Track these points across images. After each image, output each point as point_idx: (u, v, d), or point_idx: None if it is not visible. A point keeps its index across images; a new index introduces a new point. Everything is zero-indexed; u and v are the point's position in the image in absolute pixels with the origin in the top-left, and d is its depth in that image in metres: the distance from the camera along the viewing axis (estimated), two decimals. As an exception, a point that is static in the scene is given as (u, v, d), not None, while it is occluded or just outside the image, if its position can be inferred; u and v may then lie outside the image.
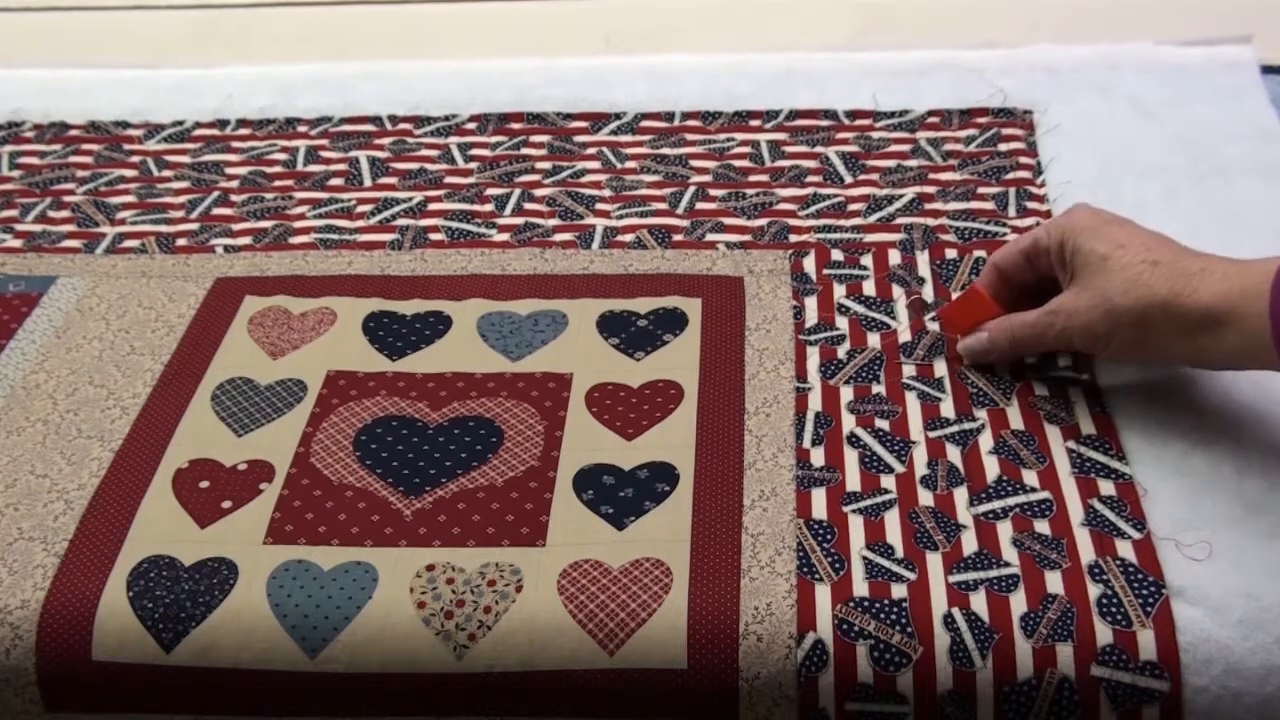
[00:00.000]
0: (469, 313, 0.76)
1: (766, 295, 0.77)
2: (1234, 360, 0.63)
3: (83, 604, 0.61)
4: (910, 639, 0.58)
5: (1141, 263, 0.63)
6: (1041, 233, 0.69)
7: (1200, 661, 0.57)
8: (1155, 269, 0.63)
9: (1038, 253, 0.69)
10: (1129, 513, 0.62)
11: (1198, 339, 0.62)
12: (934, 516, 0.63)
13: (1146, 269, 0.63)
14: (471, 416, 0.70)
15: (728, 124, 0.93)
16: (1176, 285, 0.62)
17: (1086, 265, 0.65)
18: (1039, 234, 0.69)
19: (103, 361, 0.74)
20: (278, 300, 0.78)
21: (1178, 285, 0.62)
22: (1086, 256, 0.65)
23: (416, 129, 0.94)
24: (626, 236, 0.82)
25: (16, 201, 0.89)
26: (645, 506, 0.64)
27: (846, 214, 0.83)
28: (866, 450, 0.67)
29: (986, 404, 0.69)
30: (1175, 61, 0.96)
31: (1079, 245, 0.66)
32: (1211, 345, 0.62)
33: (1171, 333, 0.63)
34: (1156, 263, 0.63)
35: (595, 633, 0.59)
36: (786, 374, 0.71)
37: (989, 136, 0.90)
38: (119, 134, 0.95)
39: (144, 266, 0.81)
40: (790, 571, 0.60)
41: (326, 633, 0.59)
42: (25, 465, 0.68)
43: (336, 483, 0.66)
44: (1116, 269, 0.64)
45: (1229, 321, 0.61)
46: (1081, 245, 0.66)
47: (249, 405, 0.71)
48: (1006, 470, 0.65)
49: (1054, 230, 0.68)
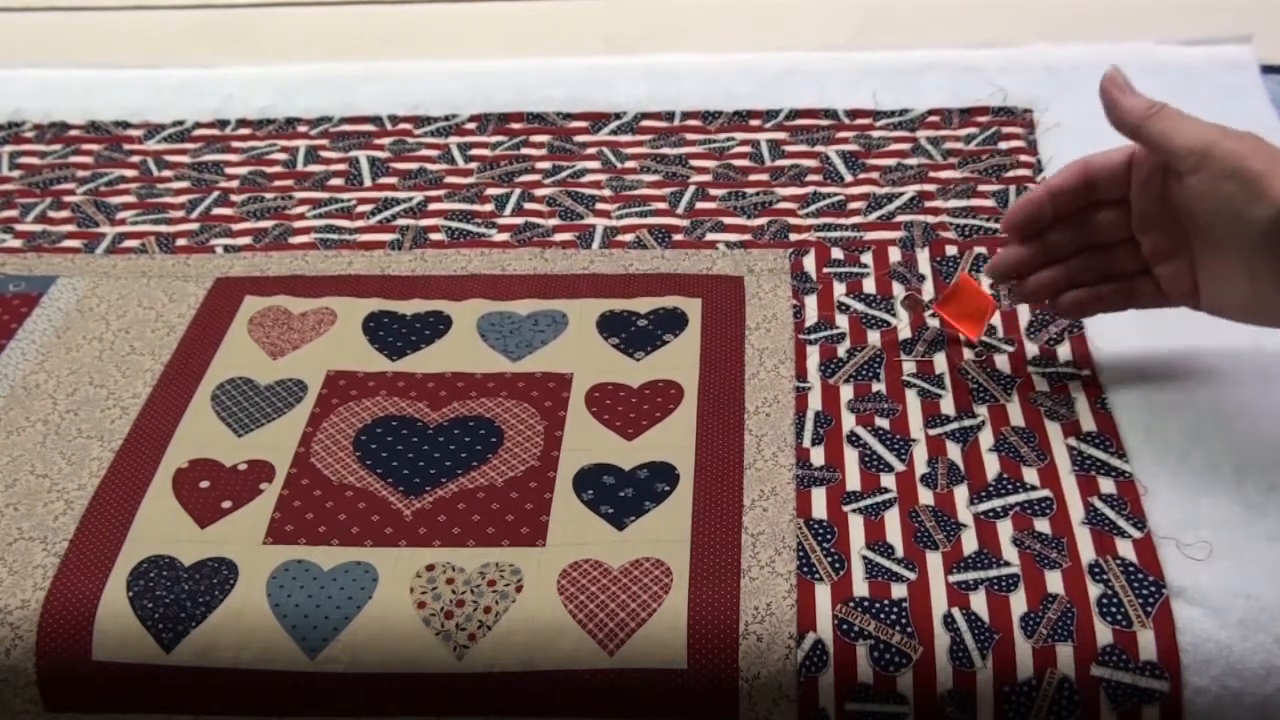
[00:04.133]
0: (469, 313, 0.76)
1: (766, 294, 0.77)
2: None
3: (83, 604, 0.61)
4: (910, 639, 0.58)
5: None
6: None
7: (1200, 661, 0.57)
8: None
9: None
10: (1129, 511, 0.62)
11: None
12: (934, 515, 0.63)
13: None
14: (471, 416, 0.70)
15: (728, 124, 0.93)
16: None
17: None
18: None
19: (103, 361, 0.74)
20: (278, 300, 0.78)
21: None
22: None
23: (416, 129, 0.94)
24: (626, 236, 0.82)
25: (16, 201, 0.89)
26: (645, 506, 0.64)
27: (846, 213, 0.83)
28: (866, 449, 0.67)
29: (987, 400, 0.69)
30: (1175, 61, 0.96)
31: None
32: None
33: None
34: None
35: (595, 633, 0.59)
36: (786, 373, 0.71)
37: (989, 135, 0.90)
38: (119, 134, 0.95)
39: (144, 266, 0.81)
40: (790, 571, 0.60)
41: (326, 633, 0.59)
42: (25, 465, 0.68)
43: (336, 483, 0.66)
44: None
45: None
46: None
47: (249, 405, 0.71)
48: (1007, 468, 0.65)
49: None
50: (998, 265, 0.69)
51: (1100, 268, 0.68)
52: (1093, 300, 0.68)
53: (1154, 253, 0.66)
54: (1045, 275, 0.69)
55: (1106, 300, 0.68)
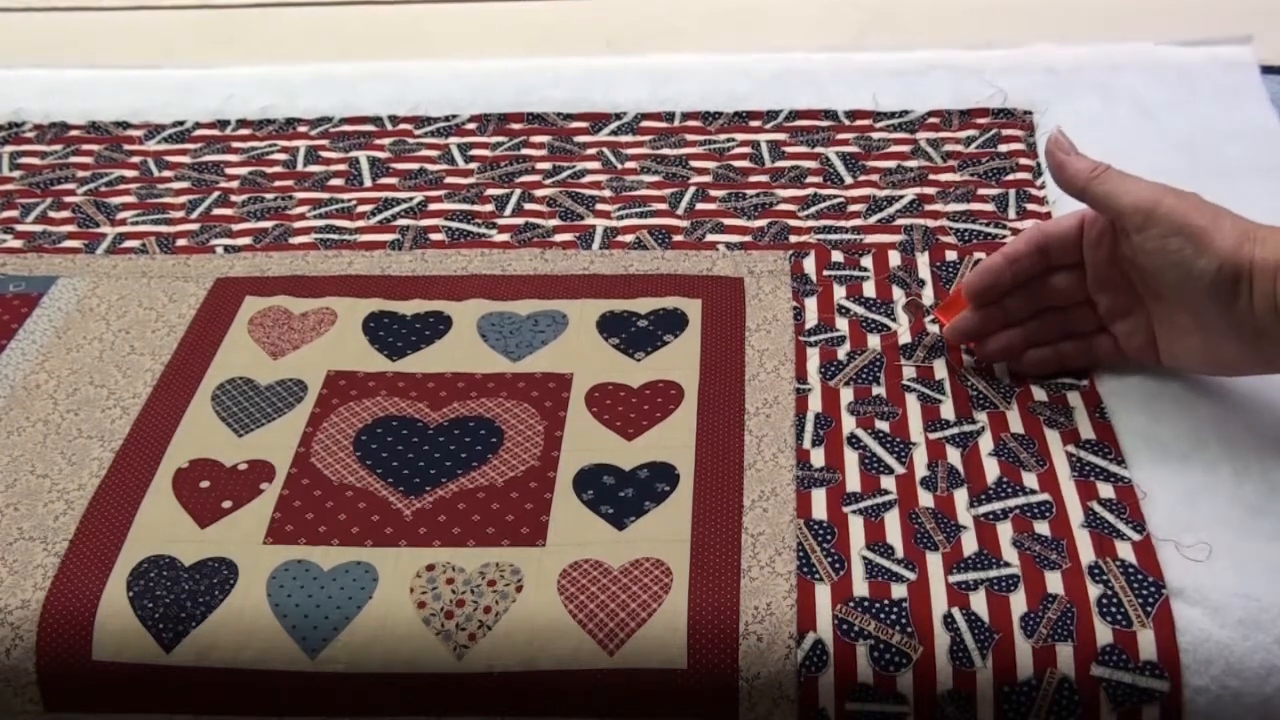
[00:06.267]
0: (469, 313, 0.76)
1: (766, 296, 0.77)
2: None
3: (83, 604, 0.61)
4: (910, 639, 0.58)
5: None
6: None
7: (1200, 661, 0.57)
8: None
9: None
10: (1128, 515, 0.62)
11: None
12: (934, 517, 0.63)
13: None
14: (471, 416, 0.70)
15: (728, 124, 0.93)
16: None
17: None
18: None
19: (103, 361, 0.74)
20: (278, 300, 0.78)
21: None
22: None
23: (417, 129, 0.94)
24: (626, 237, 0.83)
25: (17, 202, 0.89)
26: (645, 506, 0.64)
27: (846, 215, 0.83)
28: (866, 451, 0.67)
29: (986, 407, 0.69)
30: (1175, 61, 0.96)
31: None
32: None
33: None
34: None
35: (595, 633, 0.59)
36: (786, 375, 0.71)
37: (989, 137, 0.90)
38: (119, 134, 0.95)
39: (144, 267, 0.82)
40: (790, 571, 0.60)
41: (326, 633, 0.59)
42: (25, 465, 0.68)
43: (337, 483, 0.66)
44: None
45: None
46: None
47: (249, 405, 0.71)
48: (1006, 472, 0.65)
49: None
50: (956, 330, 0.71)
51: (1059, 328, 0.70)
52: (1054, 359, 0.70)
53: (1110, 312, 0.69)
54: (1004, 337, 0.71)
55: (1067, 358, 0.70)
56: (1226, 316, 0.62)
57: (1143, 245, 0.64)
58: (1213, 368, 0.67)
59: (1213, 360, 0.66)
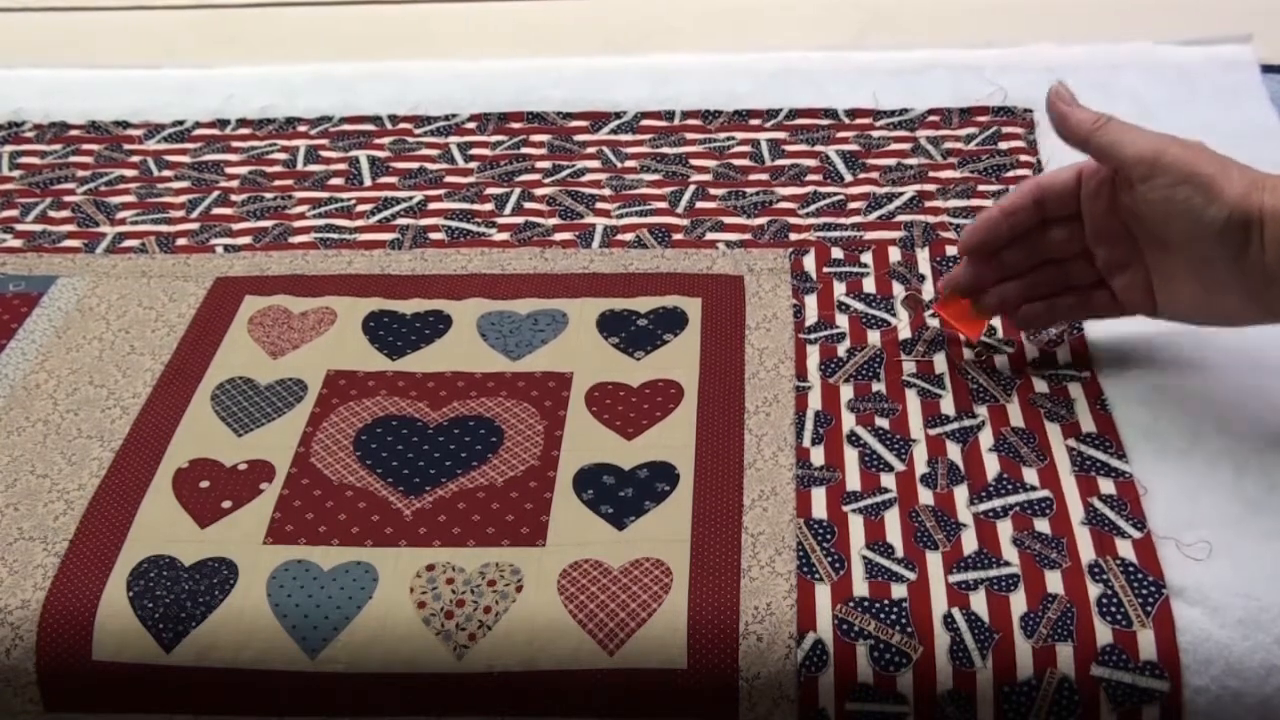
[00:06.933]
0: (469, 312, 0.76)
1: (766, 294, 0.77)
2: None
3: (83, 604, 0.61)
4: (910, 639, 0.58)
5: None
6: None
7: (1200, 661, 0.57)
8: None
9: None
10: (1129, 512, 0.62)
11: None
12: (934, 515, 0.63)
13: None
14: (471, 416, 0.70)
15: (728, 123, 0.93)
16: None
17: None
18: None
19: (103, 361, 0.74)
20: (278, 300, 0.78)
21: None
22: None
23: (416, 129, 0.94)
24: (626, 236, 0.82)
25: (17, 201, 0.89)
26: (645, 506, 0.64)
27: (846, 212, 0.83)
28: (866, 449, 0.67)
29: (987, 400, 0.69)
30: (1175, 61, 0.96)
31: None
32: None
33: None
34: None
35: (595, 632, 0.59)
36: (786, 373, 0.71)
37: (989, 135, 0.90)
38: (119, 134, 0.95)
39: (144, 266, 0.81)
40: (790, 571, 0.60)
41: (326, 633, 0.59)
42: (25, 465, 0.68)
43: (336, 483, 0.66)
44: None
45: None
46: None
47: (249, 405, 0.71)
48: (1007, 468, 0.65)
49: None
50: (952, 282, 0.71)
51: (1056, 282, 0.70)
52: (1050, 312, 0.70)
53: (1108, 264, 0.68)
54: (1001, 290, 0.70)
55: (1064, 312, 0.70)
56: (1234, 265, 0.62)
57: (1147, 195, 0.63)
58: (1212, 318, 0.66)
59: (1213, 310, 0.65)
